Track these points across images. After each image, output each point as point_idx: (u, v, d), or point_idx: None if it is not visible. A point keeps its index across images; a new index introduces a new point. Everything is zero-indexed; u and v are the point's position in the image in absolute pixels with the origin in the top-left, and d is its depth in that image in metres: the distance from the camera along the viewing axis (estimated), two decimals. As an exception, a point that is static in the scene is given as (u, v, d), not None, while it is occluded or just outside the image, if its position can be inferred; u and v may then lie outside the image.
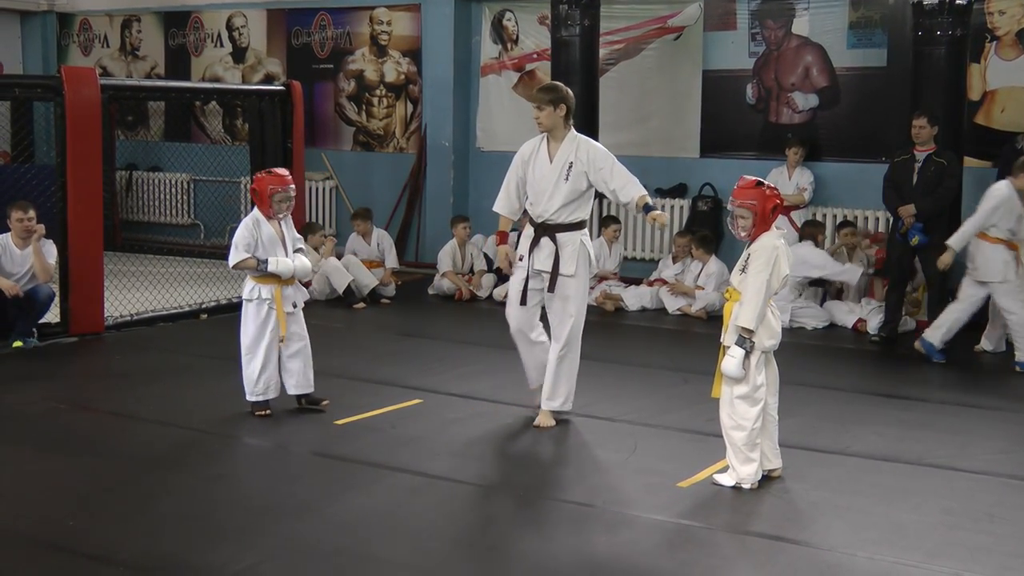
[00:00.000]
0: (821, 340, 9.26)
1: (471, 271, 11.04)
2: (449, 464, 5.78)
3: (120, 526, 4.88)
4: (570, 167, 6.35)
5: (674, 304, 10.24)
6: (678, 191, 11.53)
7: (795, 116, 10.99)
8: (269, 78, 13.71)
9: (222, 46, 14.22)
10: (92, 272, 8.73)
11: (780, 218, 8.50)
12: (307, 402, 6.75)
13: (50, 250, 8.43)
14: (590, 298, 7.42)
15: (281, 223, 6.67)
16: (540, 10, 11.86)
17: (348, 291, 10.41)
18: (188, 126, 14.55)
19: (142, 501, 5.21)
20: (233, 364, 6.89)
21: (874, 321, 9.32)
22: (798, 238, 9.86)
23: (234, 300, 8.74)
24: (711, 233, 10.58)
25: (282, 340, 6.59)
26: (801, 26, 10.88)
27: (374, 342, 9.01)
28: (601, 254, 10.52)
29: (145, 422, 6.50)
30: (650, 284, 10.61)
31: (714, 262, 10.19)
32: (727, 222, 5.83)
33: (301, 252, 6.78)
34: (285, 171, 6.72)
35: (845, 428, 6.55)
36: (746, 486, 5.39)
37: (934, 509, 5.20)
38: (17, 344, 8.20)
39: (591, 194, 6.47)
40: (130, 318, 9.20)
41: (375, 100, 13.24)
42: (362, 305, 10.42)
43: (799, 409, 6.68)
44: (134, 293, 9.67)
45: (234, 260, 6.55)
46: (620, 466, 5.82)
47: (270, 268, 6.52)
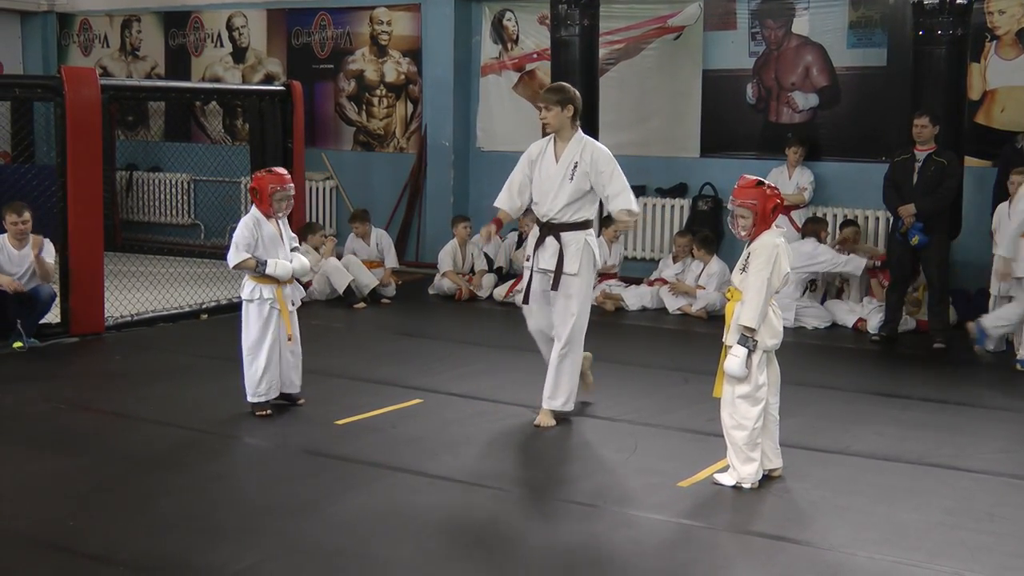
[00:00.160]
0: (821, 340, 9.26)
1: (472, 271, 11.03)
2: (449, 464, 5.78)
3: (120, 526, 4.88)
4: (575, 167, 6.38)
5: (674, 304, 10.24)
6: (678, 191, 11.52)
7: (795, 116, 10.98)
8: (269, 78, 13.70)
9: (222, 46, 14.22)
10: (92, 272, 8.73)
11: (780, 217, 8.48)
12: (286, 398, 6.75)
13: (48, 249, 8.43)
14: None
15: (279, 222, 6.66)
16: (540, 10, 11.85)
17: (348, 291, 10.42)
18: (188, 126, 14.55)
19: (142, 501, 5.21)
20: (233, 364, 6.89)
21: (874, 320, 9.32)
22: (800, 236, 9.87)
23: (234, 300, 8.73)
24: (712, 233, 10.58)
25: (290, 339, 6.60)
26: (801, 26, 10.87)
27: (374, 342, 9.01)
28: (602, 253, 10.49)
29: (145, 422, 6.50)
30: (650, 284, 10.61)
31: (715, 262, 10.19)
32: (727, 222, 5.83)
33: (297, 251, 6.79)
34: (284, 170, 6.72)
35: (846, 428, 6.54)
36: (747, 486, 5.39)
37: (935, 509, 5.20)
38: (17, 344, 8.20)
39: (596, 194, 6.49)
40: (130, 318, 9.20)
41: (375, 100, 13.24)
42: (362, 305, 10.42)
43: (800, 409, 6.68)
44: (134, 293, 9.67)
45: (234, 260, 6.53)
46: (621, 466, 5.82)
47: (268, 271, 6.51)
